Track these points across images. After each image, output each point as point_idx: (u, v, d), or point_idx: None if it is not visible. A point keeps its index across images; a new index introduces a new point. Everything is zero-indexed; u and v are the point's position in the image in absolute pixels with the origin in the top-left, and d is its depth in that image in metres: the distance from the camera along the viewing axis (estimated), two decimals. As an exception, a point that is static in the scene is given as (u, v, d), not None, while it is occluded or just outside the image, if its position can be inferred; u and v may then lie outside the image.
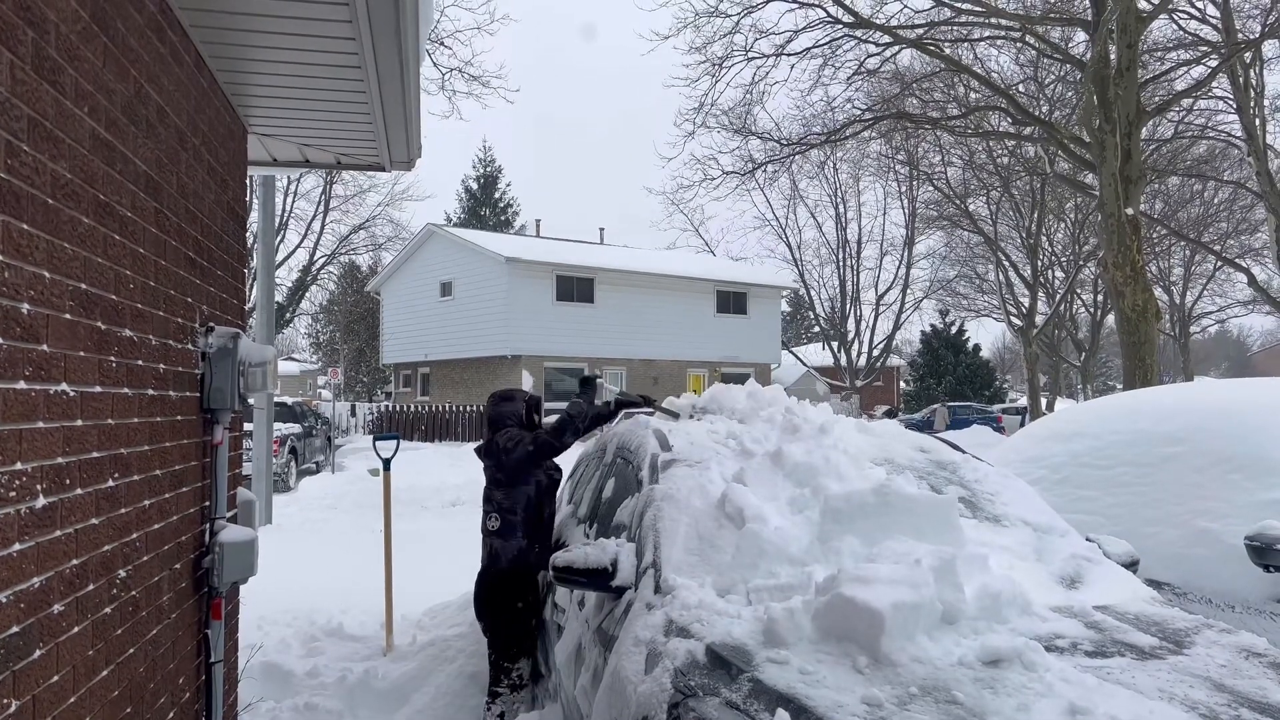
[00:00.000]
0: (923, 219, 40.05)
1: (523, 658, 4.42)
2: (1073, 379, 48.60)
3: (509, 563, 4.46)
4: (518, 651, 4.40)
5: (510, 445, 4.54)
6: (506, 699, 4.34)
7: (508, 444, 4.55)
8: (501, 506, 4.53)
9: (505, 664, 4.39)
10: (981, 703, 2.39)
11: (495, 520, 4.53)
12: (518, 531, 4.49)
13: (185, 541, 3.20)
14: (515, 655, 4.40)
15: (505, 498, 4.54)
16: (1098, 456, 5.64)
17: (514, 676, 4.39)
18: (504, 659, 4.40)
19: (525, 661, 4.43)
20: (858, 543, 3.21)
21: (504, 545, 4.48)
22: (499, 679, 4.38)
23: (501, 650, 4.41)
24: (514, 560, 4.47)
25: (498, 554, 4.50)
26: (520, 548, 4.49)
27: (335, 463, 21.40)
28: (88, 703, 2.31)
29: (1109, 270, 15.75)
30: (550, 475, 4.71)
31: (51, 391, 2.06)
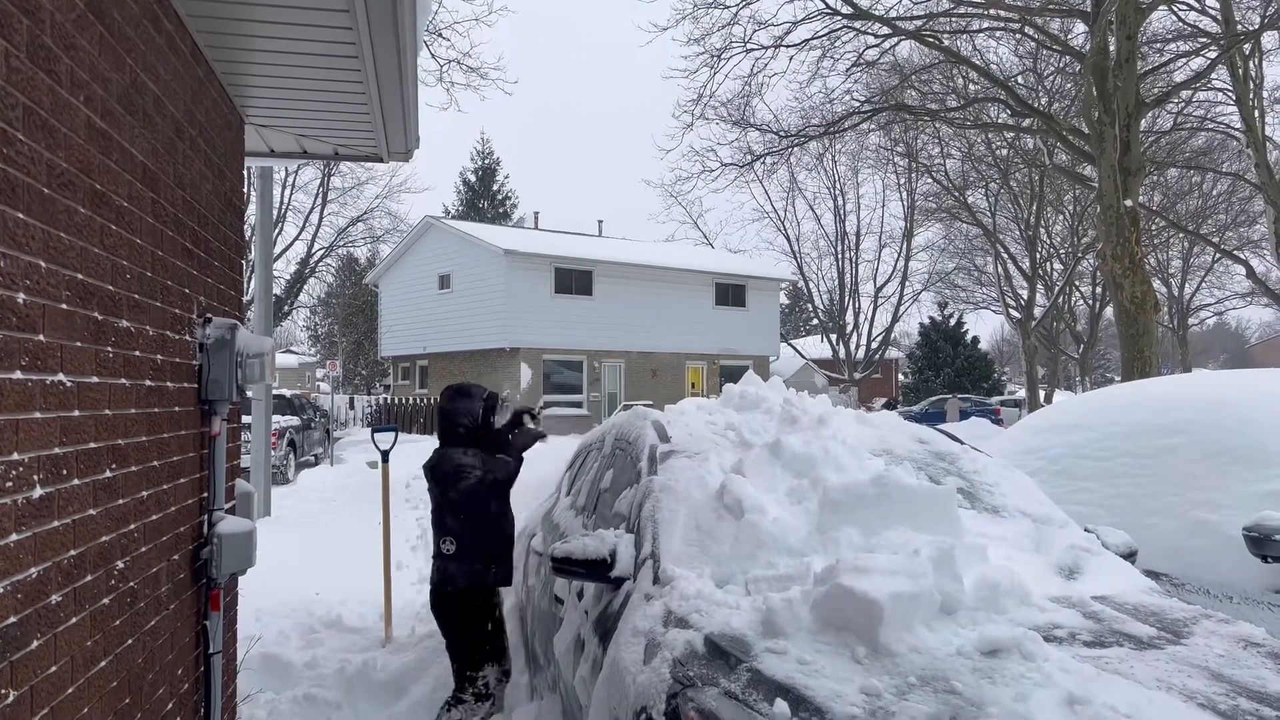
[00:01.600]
0: (921, 211, 40.01)
1: (487, 664, 4.29)
2: (1071, 371, 48.66)
3: (465, 583, 4.33)
4: (480, 659, 4.27)
5: (456, 474, 4.33)
6: (470, 707, 4.19)
7: (454, 472, 4.34)
8: (453, 531, 4.36)
9: (469, 673, 4.25)
10: (980, 692, 2.39)
11: (450, 544, 4.36)
12: (472, 554, 4.34)
13: (183, 533, 3.19)
14: (479, 663, 4.26)
15: (456, 523, 4.37)
16: (1096, 448, 5.65)
17: (479, 685, 4.24)
18: (467, 668, 4.26)
19: (491, 668, 4.30)
20: (856, 533, 3.21)
21: (459, 568, 4.35)
22: (464, 686, 4.25)
23: (464, 660, 4.28)
24: (470, 581, 4.33)
25: (454, 576, 4.35)
26: (475, 570, 4.34)
27: (334, 455, 21.39)
28: (86, 693, 2.31)
29: (1107, 262, 15.74)
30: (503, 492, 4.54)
31: (48, 382, 2.05)
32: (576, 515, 5.09)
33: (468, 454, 4.40)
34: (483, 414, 4.53)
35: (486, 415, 4.55)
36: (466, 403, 4.53)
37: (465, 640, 4.27)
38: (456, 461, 4.35)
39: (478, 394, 4.59)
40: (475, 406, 4.53)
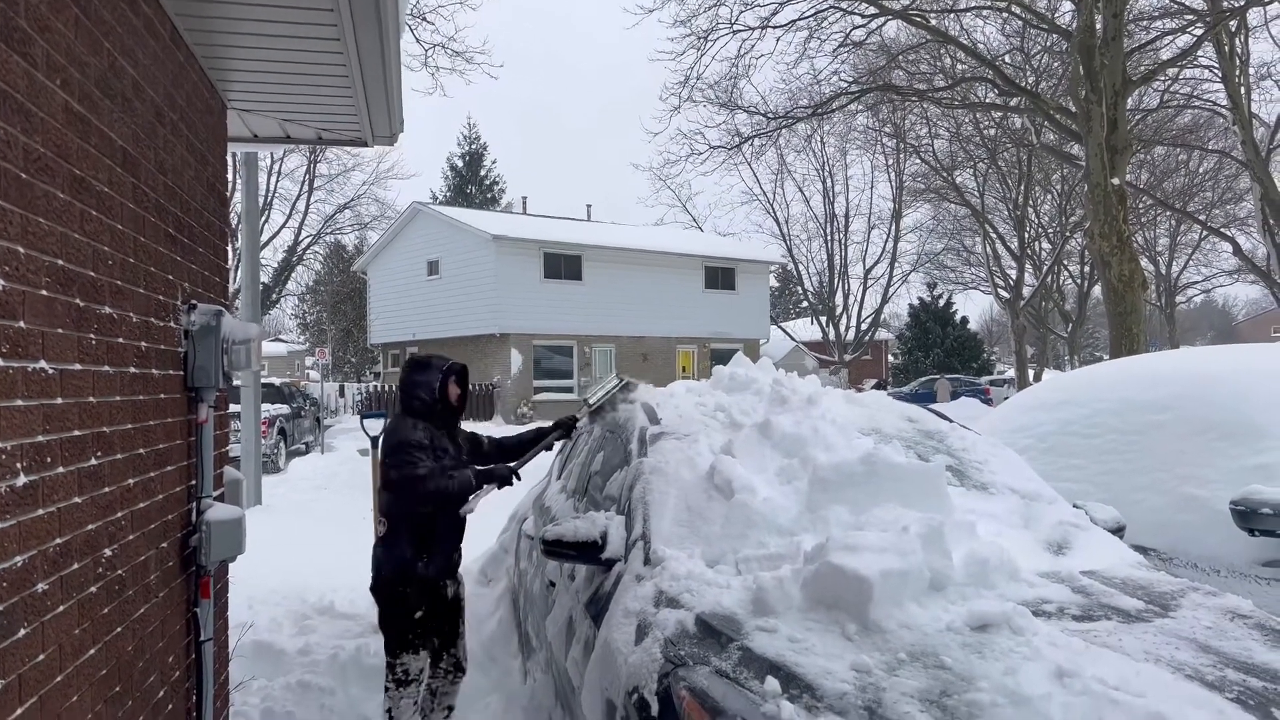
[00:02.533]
0: (910, 192, 40.03)
1: (405, 653, 4.06)
2: (1060, 350, 48.85)
3: (391, 573, 4.07)
4: (399, 649, 4.06)
5: (397, 451, 4.01)
6: (393, 694, 4.05)
7: (396, 448, 4.02)
8: (388, 512, 4.10)
9: (389, 660, 4.08)
10: (969, 667, 2.41)
11: (382, 526, 4.13)
12: (403, 542, 4.07)
13: (172, 520, 3.18)
14: (398, 652, 4.06)
15: (392, 503, 4.09)
16: (1085, 425, 5.67)
17: (399, 672, 4.05)
18: (389, 655, 4.09)
19: (410, 656, 4.07)
20: (846, 512, 3.22)
21: (387, 555, 4.09)
22: (387, 674, 4.09)
23: (387, 648, 4.11)
24: (396, 571, 4.07)
25: (379, 561, 4.11)
26: (404, 559, 4.06)
27: (324, 443, 21.36)
28: (75, 681, 2.30)
29: (1095, 241, 15.78)
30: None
31: (30, 369, 2.03)
32: (567, 498, 5.09)
33: (418, 429, 4.09)
34: (440, 386, 4.21)
35: (444, 388, 4.23)
36: (424, 375, 4.23)
37: (388, 628, 4.10)
38: (403, 437, 4.04)
39: (438, 365, 4.27)
40: (433, 379, 4.21)
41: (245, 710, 4.43)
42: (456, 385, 4.34)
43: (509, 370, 29.08)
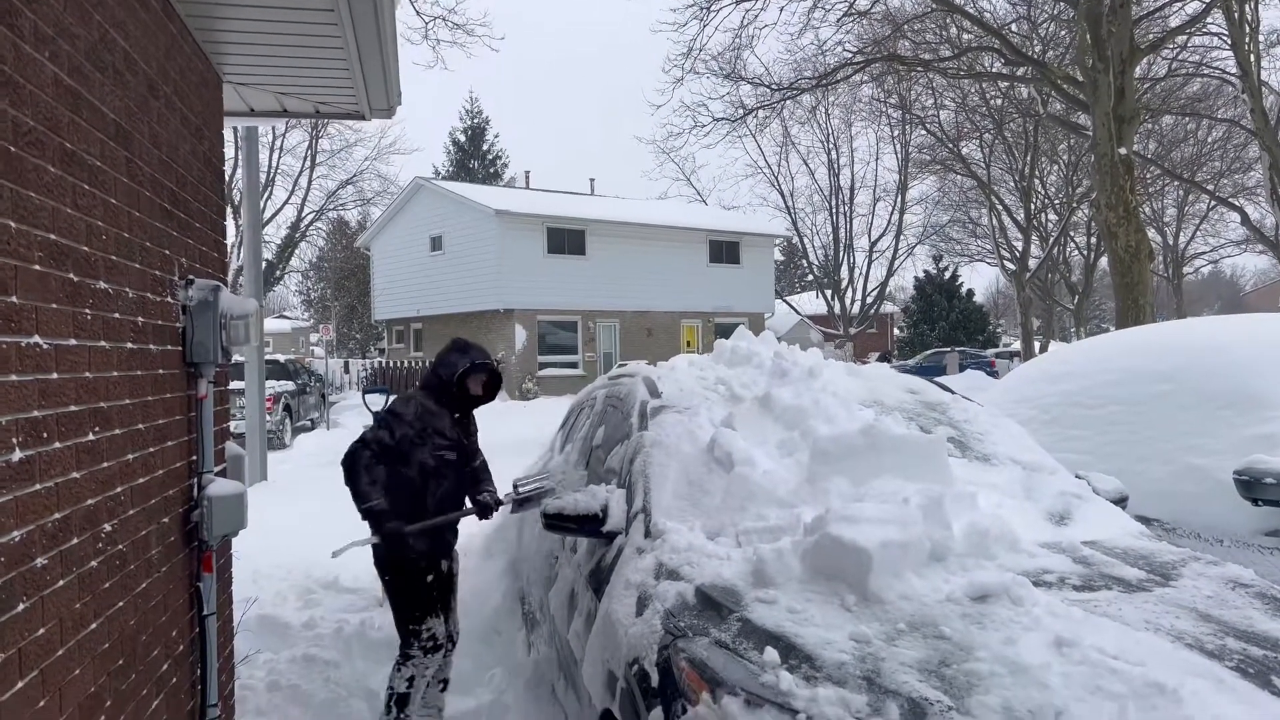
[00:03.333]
0: (916, 163, 39.75)
1: (428, 618, 4.12)
2: (1066, 322, 48.69)
3: (387, 550, 4.13)
4: (421, 614, 4.11)
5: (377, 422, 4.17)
6: (419, 661, 4.09)
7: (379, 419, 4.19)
8: (386, 484, 4.13)
9: (411, 627, 4.12)
10: (969, 637, 2.41)
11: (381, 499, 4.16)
12: (399, 516, 4.09)
13: (173, 496, 3.18)
14: (420, 618, 4.11)
15: (391, 475, 4.14)
16: (1088, 396, 5.66)
17: (425, 640, 4.10)
18: (409, 622, 4.12)
19: (434, 620, 4.13)
20: (846, 484, 3.21)
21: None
22: (410, 642, 4.12)
23: (403, 615, 4.15)
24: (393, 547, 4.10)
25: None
26: (398, 530, 4.08)
27: (330, 420, 21.42)
28: (77, 655, 2.31)
29: (1102, 211, 15.67)
30: (439, 457, 4.22)
31: (23, 344, 2.02)
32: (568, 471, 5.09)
33: (411, 405, 4.18)
34: (462, 374, 4.27)
35: (465, 376, 4.29)
36: (456, 357, 4.32)
37: (402, 597, 4.15)
38: (392, 407, 4.16)
39: (473, 356, 4.32)
40: (459, 364, 4.27)
41: (251, 683, 4.47)
42: (481, 385, 4.40)
43: (513, 346, 29.07)
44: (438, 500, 4.22)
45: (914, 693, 2.19)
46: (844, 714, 2.13)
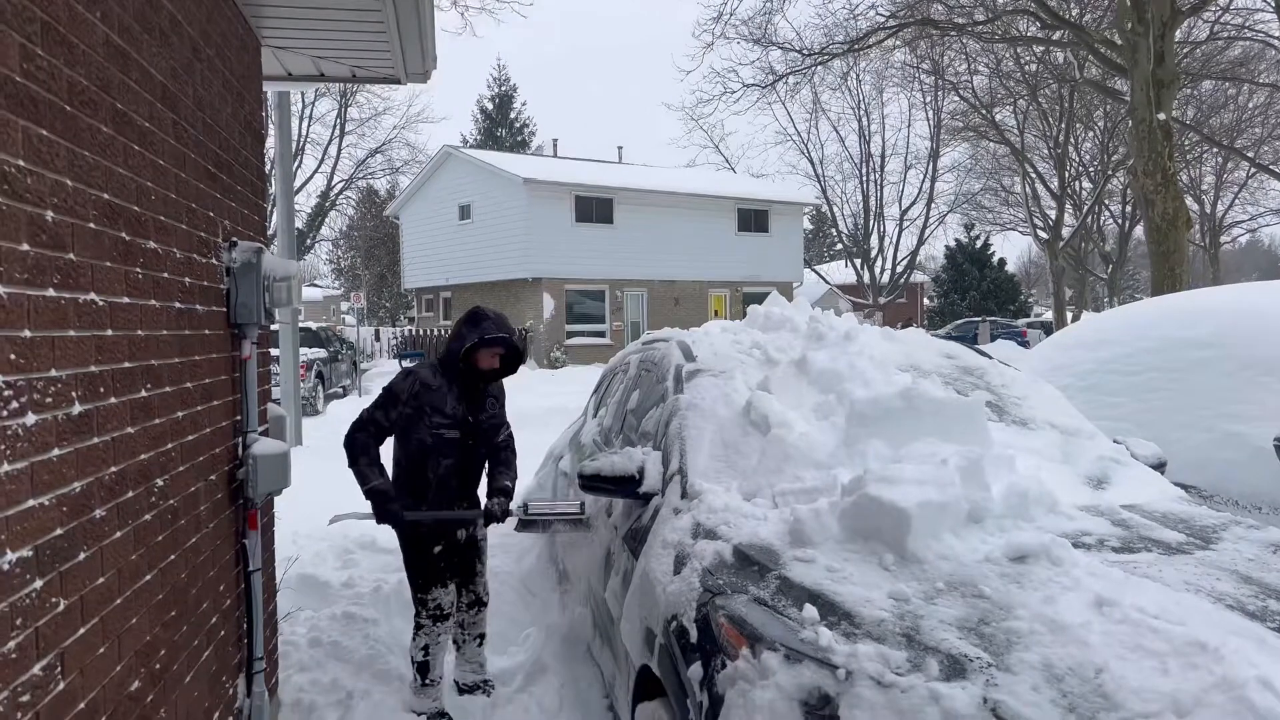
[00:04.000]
0: (948, 130, 39.19)
1: (433, 588, 4.14)
2: (1100, 292, 48.05)
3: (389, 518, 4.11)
4: (425, 583, 4.13)
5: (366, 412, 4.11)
6: (429, 630, 4.12)
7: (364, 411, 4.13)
8: (394, 456, 4.17)
9: (420, 596, 4.15)
10: (1008, 596, 2.42)
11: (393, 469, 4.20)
12: (402, 490, 4.11)
13: (219, 454, 3.25)
14: (424, 586, 4.13)
15: (397, 446, 4.16)
16: (1125, 363, 5.62)
17: (431, 608, 4.12)
18: (416, 590, 4.17)
19: (439, 590, 4.14)
20: (883, 446, 3.22)
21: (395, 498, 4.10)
22: (419, 611, 4.16)
23: (411, 583, 4.20)
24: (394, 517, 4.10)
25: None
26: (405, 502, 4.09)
27: (361, 386, 21.62)
28: (134, 605, 2.38)
29: (1139, 178, 15.41)
30: (437, 435, 4.10)
31: (80, 300, 2.07)
32: (604, 436, 5.13)
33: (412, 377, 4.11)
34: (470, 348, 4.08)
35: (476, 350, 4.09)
36: (467, 330, 4.11)
37: (409, 566, 4.19)
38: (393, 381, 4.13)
39: (485, 330, 4.08)
40: (469, 338, 4.06)
41: (293, 639, 4.57)
42: (497, 359, 4.17)
43: (541, 315, 29.14)
44: (439, 477, 4.14)
45: (953, 649, 2.21)
46: (883, 669, 2.15)
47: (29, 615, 1.81)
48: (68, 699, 1.98)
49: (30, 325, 1.83)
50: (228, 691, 3.35)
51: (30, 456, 1.82)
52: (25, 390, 1.81)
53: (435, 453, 4.10)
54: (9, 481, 1.74)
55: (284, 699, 4.08)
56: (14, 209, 1.76)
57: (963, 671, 2.13)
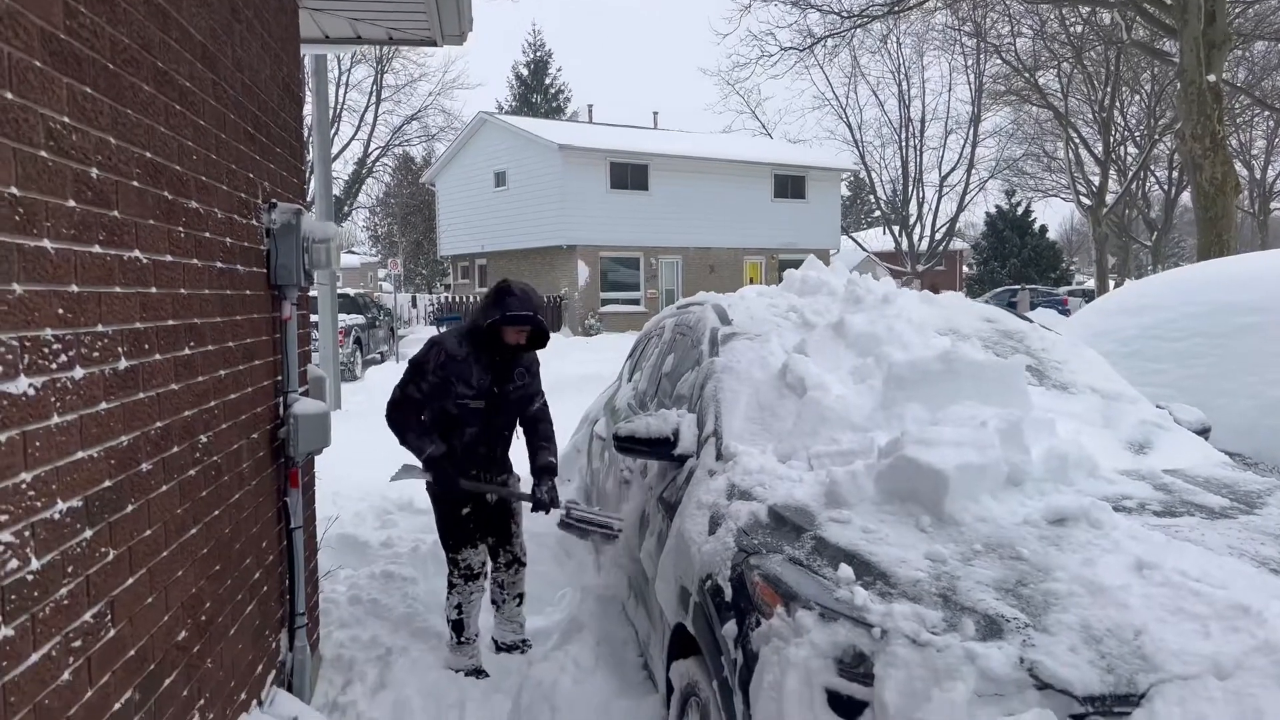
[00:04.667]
0: (989, 94, 38.39)
1: (463, 548, 4.22)
2: (1143, 260, 47.15)
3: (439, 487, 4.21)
4: (455, 544, 4.22)
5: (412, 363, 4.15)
6: (461, 589, 4.20)
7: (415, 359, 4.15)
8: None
9: (451, 555, 4.25)
10: (1046, 558, 2.40)
11: None
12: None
13: (261, 413, 3.30)
14: (454, 547, 4.22)
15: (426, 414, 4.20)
16: (1169, 329, 5.52)
17: (463, 567, 4.21)
18: (448, 551, 4.26)
19: (468, 550, 4.22)
20: (921, 409, 3.19)
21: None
22: (452, 571, 4.25)
23: (444, 544, 4.29)
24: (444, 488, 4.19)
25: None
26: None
27: (399, 353, 21.83)
28: (180, 558, 2.44)
29: (1186, 142, 15.04)
30: (462, 405, 4.13)
31: (125, 257, 2.10)
32: (638, 400, 5.14)
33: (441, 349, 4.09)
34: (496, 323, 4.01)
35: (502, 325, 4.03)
36: (494, 304, 4.02)
37: (440, 526, 4.28)
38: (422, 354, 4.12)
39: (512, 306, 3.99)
40: (493, 314, 4.00)
41: (334, 596, 4.65)
42: (522, 335, 4.10)
43: (576, 282, 29.16)
44: (465, 444, 4.18)
45: (990, 610, 2.20)
46: (919, 628, 2.15)
47: (79, 563, 1.86)
48: (118, 646, 2.04)
49: (78, 281, 1.86)
50: (271, 645, 3.43)
51: (79, 409, 1.86)
52: (73, 344, 1.84)
53: (460, 422, 4.15)
54: (59, 433, 1.78)
55: (325, 655, 4.17)
56: (60, 165, 1.79)
57: (999, 631, 2.13)
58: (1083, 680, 1.98)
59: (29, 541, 1.67)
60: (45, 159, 1.73)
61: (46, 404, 1.73)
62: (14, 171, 1.62)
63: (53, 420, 1.75)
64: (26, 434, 1.66)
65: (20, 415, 1.64)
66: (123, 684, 2.06)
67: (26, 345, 1.67)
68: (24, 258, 1.66)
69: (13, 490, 1.61)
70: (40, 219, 1.72)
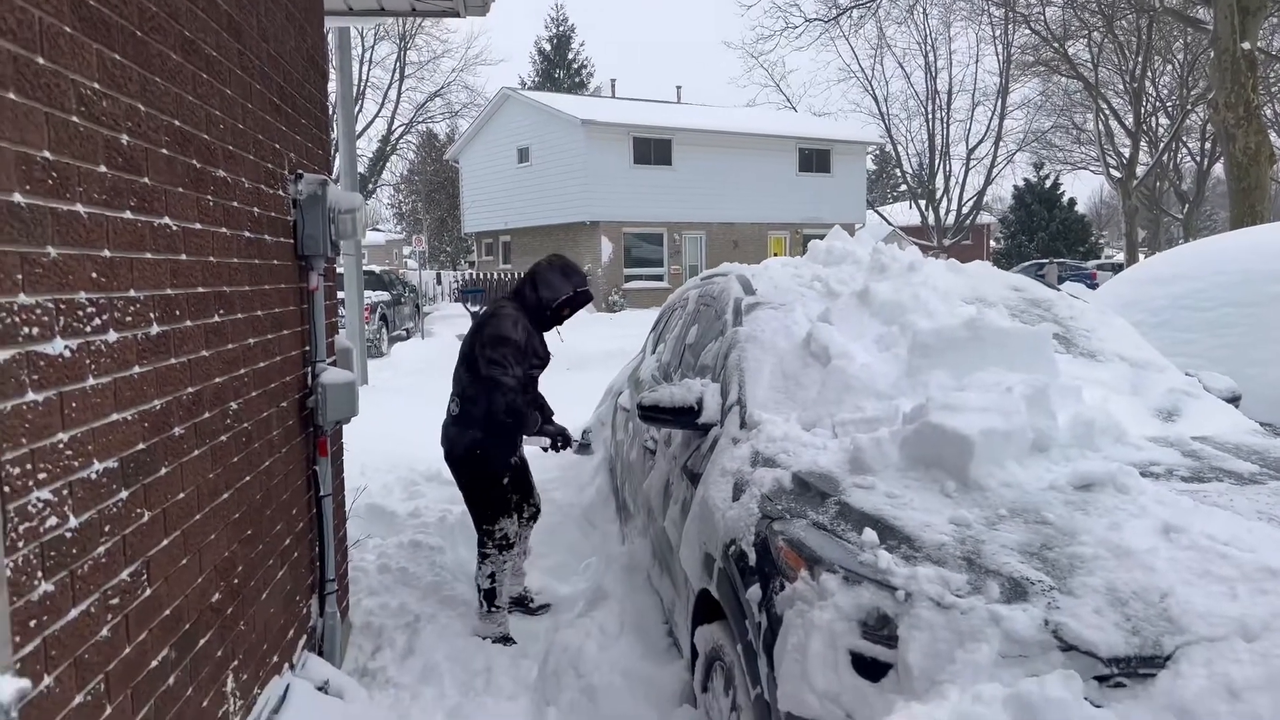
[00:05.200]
0: (1018, 65, 37.79)
1: (501, 518, 4.29)
2: (1174, 233, 46.45)
3: (464, 451, 4.27)
4: (494, 515, 4.29)
5: (489, 355, 4.10)
6: (495, 559, 4.27)
7: (490, 352, 4.11)
8: (465, 394, 4.23)
9: (486, 527, 4.30)
10: (1072, 522, 2.40)
11: (455, 405, 4.27)
12: (476, 423, 4.19)
13: (289, 382, 3.34)
14: (493, 518, 4.29)
15: (470, 384, 4.21)
16: (1200, 298, 5.46)
17: (498, 538, 4.28)
18: (483, 522, 4.31)
19: (506, 520, 4.30)
20: (947, 376, 3.18)
21: (459, 435, 4.26)
22: (485, 542, 4.30)
23: (478, 515, 4.33)
24: (468, 450, 4.25)
25: (452, 441, 4.29)
26: (475, 440, 4.22)
27: (424, 329, 21.94)
28: (212, 521, 2.48)
29: (1219, 112, 14.76)
30: (531, 375, 4.33)
31: (156, 224, 2.13)
32: (662, 371, 5.15)
33: (519, 327, 4.20)
34: (564, 301, 4.31)
35: (561, 306, 4.33)
36: (561, 280, 4.31)
37: (477, 500, 4.33)
38: (505, 332, 4.13)
39: (576, 284, 4.34)
40: (563, 290, 4.30)
41: (363, 565, 4.72)
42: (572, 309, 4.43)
43: (599, 259, 29.14)
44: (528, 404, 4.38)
45: (1015, 573, 2.20)
46: (943, 591, 2.16)
47: (116, 523, 1.90)
48: (154, 605, 2.08)
49: (110, 246, 1.89)
50: (302, 611, 3.49)
51: (113, 372, 1.90)
52: (107, 308, 1.87)
53: (525, 390, 4.32)
54: (94, 395, 1.81)
55: (354, 622, 4.23)
56: (91, 130, 1.81)
57: (1024, 594, 2.13)
58: (1107, 642, 1.98)
59: (67, 500, 1.71)
60: (76, 124, 1.75)
61: (81, 366, 1.76)
62: (46, 136, 1.65)
63: (88, 382, 1.79)
64: (63, 394, 1.70)
65: (57, 376, 1.67)
66: (160, 642, 2.11)
67: (62, 307, 1.70)
68: (58, 221, 1.69)
69: (50, 449, 1.65)
70: (73, 183, 1.74)
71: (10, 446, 1.52)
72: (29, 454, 1.58)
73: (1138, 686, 1.93)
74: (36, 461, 1.60)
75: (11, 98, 1.54)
